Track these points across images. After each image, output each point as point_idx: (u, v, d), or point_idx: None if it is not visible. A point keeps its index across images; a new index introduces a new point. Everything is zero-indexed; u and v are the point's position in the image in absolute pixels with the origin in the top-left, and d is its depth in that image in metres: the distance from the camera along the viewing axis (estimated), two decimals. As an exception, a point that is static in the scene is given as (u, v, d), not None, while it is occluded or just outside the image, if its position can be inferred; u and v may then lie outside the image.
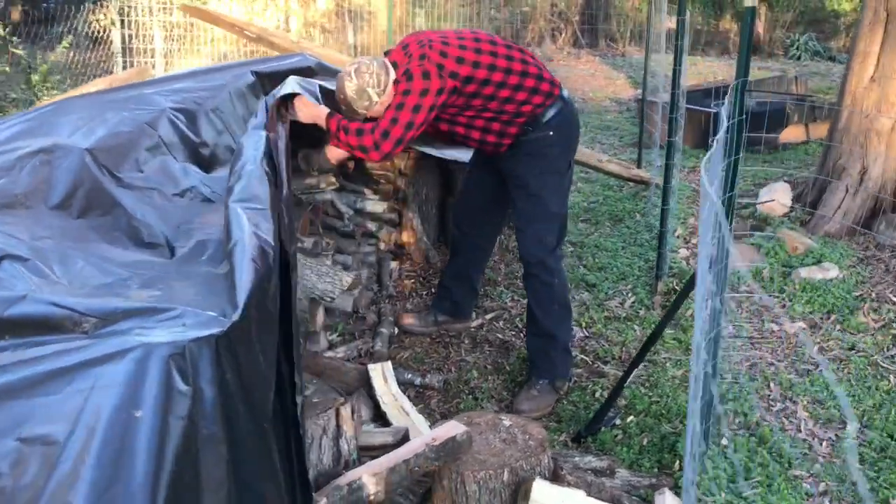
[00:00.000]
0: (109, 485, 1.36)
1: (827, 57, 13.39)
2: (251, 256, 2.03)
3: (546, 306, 3.36)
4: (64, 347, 1.66)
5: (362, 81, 2.95)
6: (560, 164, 3.31)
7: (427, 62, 2.95)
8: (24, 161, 2.62)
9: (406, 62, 3.01)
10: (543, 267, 3.33)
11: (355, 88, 2.96)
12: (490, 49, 3.07)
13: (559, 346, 3.41)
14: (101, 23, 8.27)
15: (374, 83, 2.97)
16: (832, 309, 4.04)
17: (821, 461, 2.96)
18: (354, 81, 2.96)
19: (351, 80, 2.97)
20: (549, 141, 3.20)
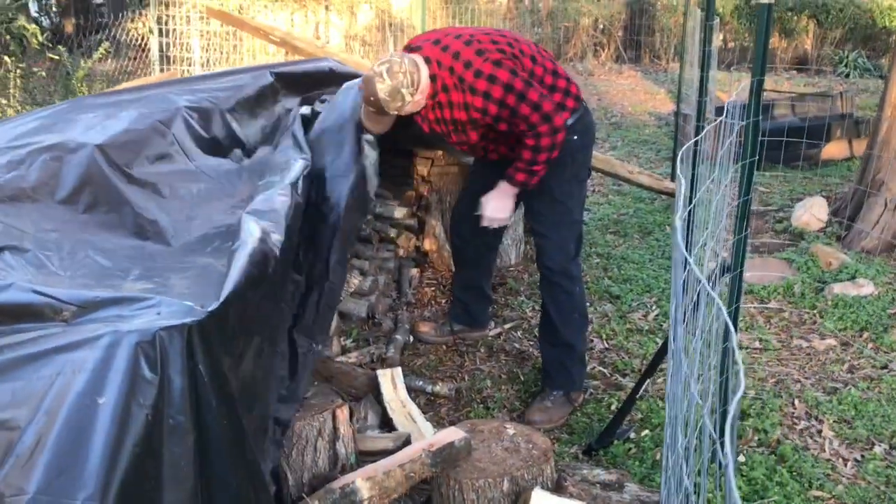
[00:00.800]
0: (63, 470, 1.33)
1: (878, 75, 13.06)
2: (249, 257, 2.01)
3: (567, 315, 3.27)
4: (40, 335, 1.65)
5: (396, 82, 2.82)
6: (582, 171, 3.25)
7: (489, 54, 2.86)
8: (35, 156, 2.63)
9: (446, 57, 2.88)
10: (566, 275, 3.25)
11: (389, 90, 2.83)
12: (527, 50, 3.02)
13: (576, 357, 3.32)
14: (139, 31, 8.43)
15: (408, 83, 2.84)
16: (865, 326, 3.88)
17: (844, 482, 2.82)
18: (388, 82, 2.82)
19: (383, 80, 2.82)
20: (574, 147, 3.12)
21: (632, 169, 5.62)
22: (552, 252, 3.23)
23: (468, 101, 2.90)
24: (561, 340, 3.28)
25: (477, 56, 2.86)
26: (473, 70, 2.84)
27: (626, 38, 14.94)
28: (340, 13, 11.30)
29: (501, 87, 2.83)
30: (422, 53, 2.93)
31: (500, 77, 2.83)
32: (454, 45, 2.91)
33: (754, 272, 4.46)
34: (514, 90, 2.83)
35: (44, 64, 7.25)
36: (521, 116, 2.85)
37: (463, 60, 2.87)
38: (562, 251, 3.23)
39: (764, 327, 3.97)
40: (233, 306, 1.80)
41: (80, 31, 9.82)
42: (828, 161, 6.95)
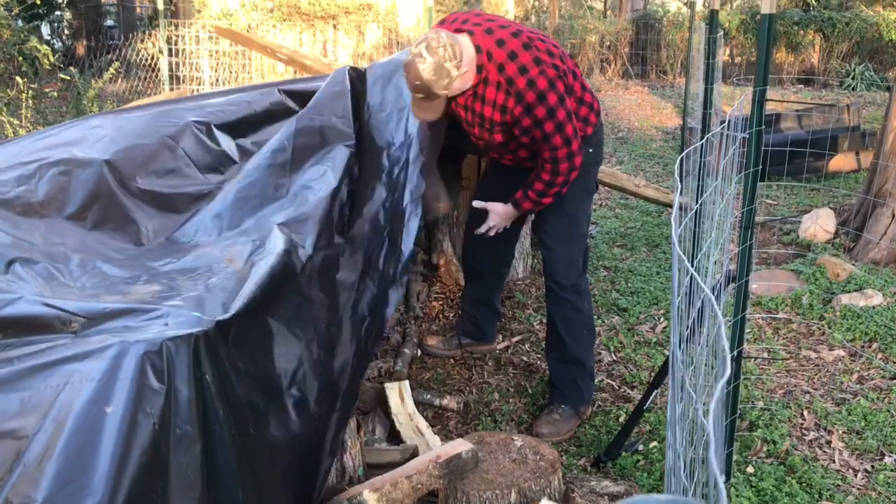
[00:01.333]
0: (71, 479, 1.34)
1: (885, 87, 13.05)
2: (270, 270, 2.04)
3: (576, 332, 3.25)
4: (49, 346, 1.66)
5: (438, 58, 2.62)
6: (592, 185, 3.26)
7: (546, 67, 2.75)
8: (44, 171, 2.66)
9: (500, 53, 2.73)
10: (575, 291, 3.21)
11: (433, 67, 2.62)
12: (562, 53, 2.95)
13: (586, 373, 3.31)
14: (149, 51, 8.52)
15: (451, 55, 2.64)
16: (874, 337, 3.86)
17: (854, 493, 2.80)
18: (429, 59, 2.62)
19: (424, 59, 2.62)
20: (588, 160, 3.10)
21: (638, 182, 5.62)
22: (561, 267, 3.20)
23: (508, 106, 2.80)
24: (570, 357, 3.26)
25: (534, 65, 2.73)
26: (527, 79, 2.72)
27: (633, 53, 15.01)
28: (348, 32, 11.39)
29: (546, 110, 2.75)
30: (473, 40, 2.76)
31: (549, 100, 2.74)
32: (510, 42, 2.76)
33: (762, 283, 4.45)
34: (556, 118, 2.76)
35: (55, 85, 7.35)
36: (550, 145, 2.81)
37: (518, 64, 2.73)
38: (570, 265, 3.20)
39: (772, 338, 3.97)
40: (246, 318, 1.82)
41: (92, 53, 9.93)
42: (835, 173, 6.95)
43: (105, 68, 7.57)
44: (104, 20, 16.49)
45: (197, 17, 9.86)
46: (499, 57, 2.75)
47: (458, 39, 2.70)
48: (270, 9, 10.36)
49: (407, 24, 12.04)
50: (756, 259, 4.92)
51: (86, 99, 6.70)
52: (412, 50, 2.69)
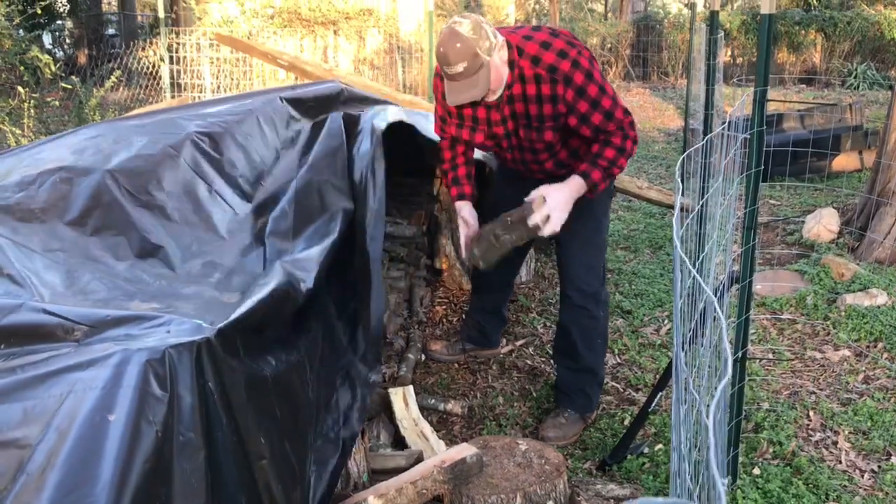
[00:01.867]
0: (74, 487, 1.34)
1: (887, 86, 13.04)
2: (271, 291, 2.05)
3: (591, 341, 3.20)
4: (52, 355, 1.66)
5: (474, 18, 2.56)
6: (613, 188, 3.24)
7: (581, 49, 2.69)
8: (45, 177, 2.66)
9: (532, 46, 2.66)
10: (595, 300, 3.15)
11: (471, 25, 2.52)
12: None
13: (596, 382, 3.29)
14: (150, 59, 8.54)
15: (486, 21, 2.59)
16: (879, 336, 3.85)
17: (861, 493, 2.79)
18: (466, 21, 2.54)
19: (461, 22, 2.53)
20: None
21: (641, 184, 5.63)
22: (583, 273, 3.11)
23: (558, 94, 2.67)
24: (583, 366, 3.23)
25: (571, 48, 2.66)
26: (570, 60, 2.63)
27: (634, 55, 15.01)
28: (349, 38, 11.40)
29: (597, 87, 2.66)
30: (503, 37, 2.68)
31: (596, 77, 2.66)
32: (537, 35, 2.71)
33: (766, 284, 4.44)
34: (607, 92, 2.68)
35: (57, 94, 7.36)
36: (615, 119, 2.70)
37: (555, 51, 2.65)
38: (591, 271, 3.13)
39: (777, 339, 3.95)
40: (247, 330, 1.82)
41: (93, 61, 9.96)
42: (839, 173, 6.94)
43: (107, 77, 7.59)
44: (105, 29, 16.55)
45: (198, 24, 9.89)
46: (531, 50, 2.67)
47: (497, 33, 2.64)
48: (271, 15, 10.38)
49: (408, 28, 12.06)
50: (760, 259, 4.91)
51: (87, 108, 6.72)
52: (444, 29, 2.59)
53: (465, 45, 2.51)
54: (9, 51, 6.63)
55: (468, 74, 2.56)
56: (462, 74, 2.55)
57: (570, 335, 3.20)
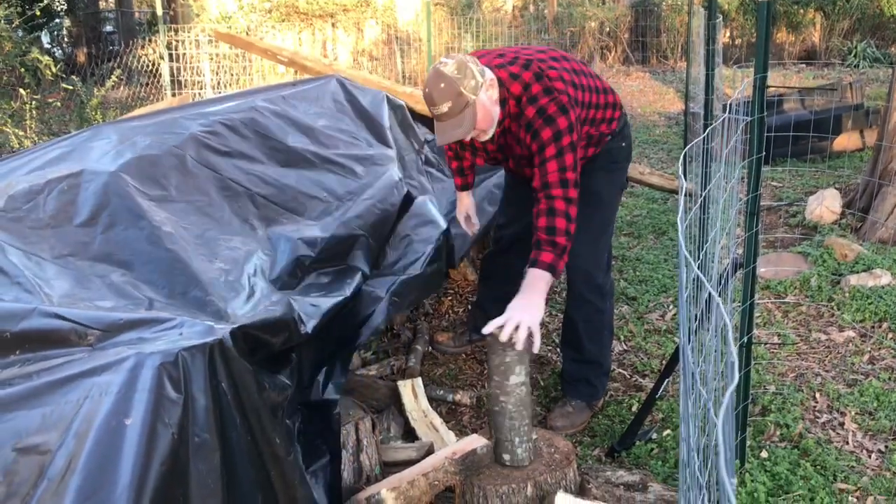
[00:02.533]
0: (94, 491, 1.36)
1: (887, 63, 12.99)
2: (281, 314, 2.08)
3: (596, 333, 3.23)
4: (66, 360, 1.69)
5: (459, 59, 2.60)
6: (624, 180, 3.25)
7: (557, 94, 2.69)
8: (53, 185, 2.68)
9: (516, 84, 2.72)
10: (599, 291, 3.17)
11: (455, 65, 2.57)
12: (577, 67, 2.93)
13: (602, 373, 3.31)
14: (149, 57, 8.54)
15: (472, 60, 2.62)
16: (884, 317, 3.87)
17: (869, 473, 2.81)
18: (451, 61, 2.59)
19: (446, 63, 2.59)
20: (622, 154, 3.12)
21: (643, 170, 5.63)
22: (588, 266, 3.11)
23: (521, 137, 2.77)
24: (588, 358, 3.25)
25: (545, 94, 2.70)
26: (537, 107, 2.69)
27: (633, 39, 14.97)
28: (347, 30, 11.39)
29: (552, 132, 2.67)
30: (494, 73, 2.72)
31: (559, 123, 2.66)
32: (524, 74, 2.75)
33: (769, 267, 4.46)
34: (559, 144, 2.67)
35: (58, 94, 7.37)
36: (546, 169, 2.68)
37: (529, 94, 2.71)
38: (597, 265, 3.15)
39: (782, 322, 3.97)
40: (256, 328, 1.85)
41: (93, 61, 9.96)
42: (840, 153, 6.93)
43: (107, 76, 7.60)
44: (103, 26, 16.52)
45: (196, 21, 9.89)
46: (515, 90, 2.73)
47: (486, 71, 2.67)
48: (268, 10, 10.38)
49: (405, 19, 12.04)
50: (763, 243, 4.92)
51: (89, 107, 6.73)
52: (430, 70, 2.66)
53: (448, 85, 2.55)
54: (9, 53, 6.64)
55: (453, 114, 2.59)
56: (447, 115, 2.59)
57: (576, 328, 3.23)
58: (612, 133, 3.05)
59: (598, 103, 2.96)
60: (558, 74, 2.77)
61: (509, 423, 2.46)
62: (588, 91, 2.90)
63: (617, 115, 3.06)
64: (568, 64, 2.91)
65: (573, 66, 2.92)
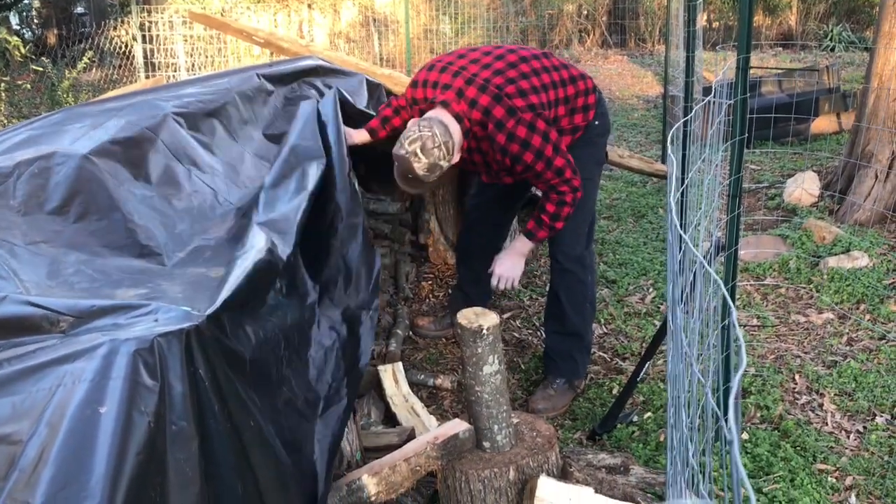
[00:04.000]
0: (68, 482, 1.32)
1: (863, 47, 13.06)
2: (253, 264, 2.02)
3: (578, 305, 3.26)
4: (38, 347, 1.64)
5: (432, 158, 2.73)
6: (602, 155, 3.28)
7: (521, 113, 2.79)
8: (22, 167, 2.61)
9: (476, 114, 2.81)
10: (581, 263, 3.22)
11: (426, 166, 2.74)
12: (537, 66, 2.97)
13: (584, 347, 3.32)
14: (122, 39, 8.39)
15: (444, 154, 2.75)
16: (862, 298, 3.89)
17: (848, 454, 2.83)
18: (424, 160, 2.73)
19: (419, 160, 2.72)
20: (597, 130, 3.15)
21: (622, 153, 5.62)
22: (567, 238, 3.18)
23: (497, 158, 2.89)
24: (570, 330, 3.27)
25: (509, 116, 2.79)
26: (506, 133, 2.79)
27: (611, 22, 14.95)
28: (323, 11, 11.26)
29: (533, 154, 2.82)
30: (451, 110, 2.82)
31: (533, 143, 2.80)
32: (482, 100, 2.81)
33: (749, 250, 4.47)
34: (543, 158, 2.83)
35: (28, 76, 7.23)
36: (544, 179, 2.88)
37: (494, 120, 2.80)
38: (578, 238, 3.20)
39: (761, 304, 3.99)
40: (233, 310, 1.80)
41: (63, 42, 9.77)
42: (817, 136, 6.97)
43: (78, 58, 7.45)
44: (74, 7, 16.22)
45: (169, 1, 9.72)
46: (476, 117, 2.82)
47: (451, 133, 2.77)
48: (244, -10, 10.22)
49: (383, 1, 11.92)
50: (742, 225, 4.93)
51: (60, 90, 6.60)
52: (406, 146, 2.74)
53: (415, 177, 2.78)
54: (-24, 34, 6.50)
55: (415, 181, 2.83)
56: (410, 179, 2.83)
57: (559, 299, 3.26)
58: (588, 123, 3.09)
59: (566, 96, 3.00)
60: (516, 89, 2.84)
61: (487, 412, 2.44)
62: (552, 88, 2.95)
63: (592, 100, 3.08)
64: (527, 66, 2.94)
65: (533, 66, 2.95)
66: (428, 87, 2.93)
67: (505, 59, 2.93)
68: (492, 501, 2.39)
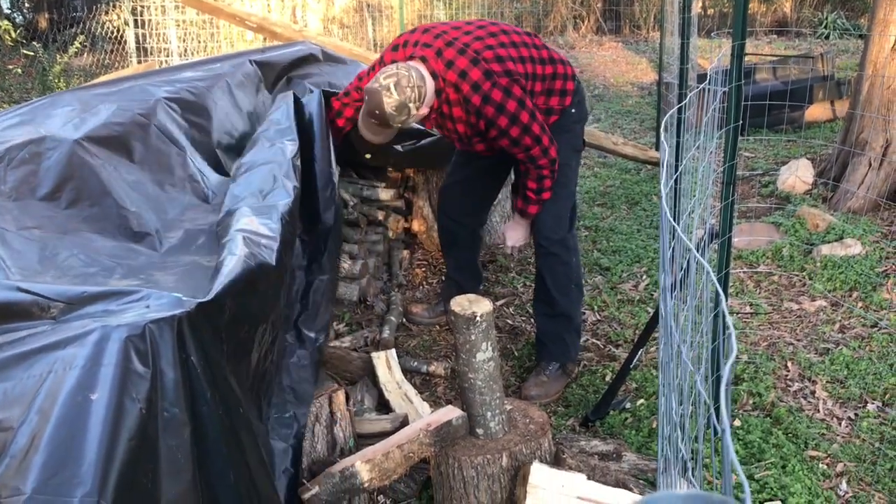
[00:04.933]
0: (59, 468, 1.32)
1: (857, 35, 13.04)
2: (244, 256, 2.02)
3: (564, 287, 3.28)
4: (29, 333, 1.63)
5: (403, 97, 2.74)
6: (579, 142, 3.29)
7: (497, 77, 2.81)
8: (13, 153, 2.59)
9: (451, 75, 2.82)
10: (563, 246, 3.25)
11: (396, 104, 2.75)
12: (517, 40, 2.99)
13: (573, 329, 3.34)
14: (114, 23, 8.32)
15: (416, 97, 2.77)
16: (854, 286, 3.90)
17: (839, 441, 2.84)
18: (395, 97, 2.73)
19: (391, 95, 2.73)
20: (573, 118, 3.17)
21: (616, 140, 5.61)
22: (549, 222, 3.21)
23: (472, 122, 2.91)
24: (558, 312, 3.29)
25: (485, 79, 2.81)
26: (482, 94, 2.81)
27: (606, 8, 14.87)
28: (317, -4, 11.19)
29: (507, 118, 2.84)
30: (428, 66, 2.84)
31: (508, 108, 2.83)
32: (458, 61, 2.83)
33: (742, 237, 4.47)
34: (519, 123, 2.86)
35: (19, 61, 7.17)
36: (522, 146, 2.91)
37: (470, 82, 2.82)
38: (559, 221, 3.22)
39: (754, 292, 3.99)
40: (225, 300, 1.80)
41: (55, 26, 9.69)
42: (811, 123, 6.96)
43: (70, 42, 7.39)
44: (66, -9, 16.07)
45: (161, -15, 9.65)
46: (451, 78, 2.85)
47: (425, 80, 2.81)
48: (236, -25, 10.14)
49: (377, -14, 11.84)
50: (735, 213, 4.93)
51: (51, 74, 6.55)
52: (381, 80, 2.76)
53: (382, 113, 2.77)
54: (-34, 18, 6.44)
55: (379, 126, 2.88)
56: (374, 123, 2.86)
57: (544, 282, 3.28)
58: (564, 108, 3.11)
59: (544, 74, 3.03)
60: (494, 55, 2.87)
61: (480, 399, 2.44)
62: (531, 63, 2.98)
63: (570, 86, 3.12)
64: (507, 38, 2.98)
65: (513, 40, 2.99)
66: (408, 46, 2.95)
67: (486, 30, 2.98)
68: (485, 488, 2.39)
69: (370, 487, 2.30)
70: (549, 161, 2.95)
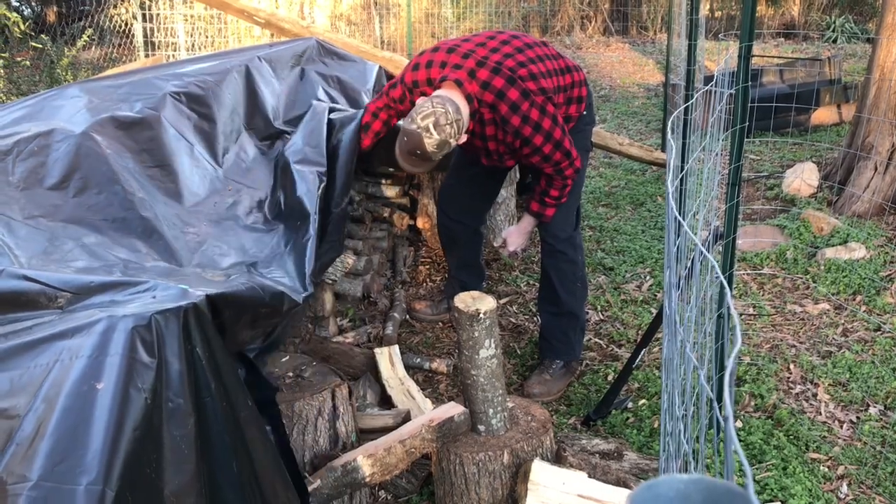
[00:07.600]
0: (64, 457, 1.33)
1: (865, 39, 13.02)
2: None
3: (570, 285, 3.29)
4: (35, 323, 1.64)
5: (444, 135, 2.69)
6: (588, 143, 3.32)
7: (534, 96, 2.81)
8: (22, 145, 2.60)
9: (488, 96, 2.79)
10: (571, 244, 3.26)
11: (437, 143, 2.71)
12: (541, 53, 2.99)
13: (578, 326, 3.35)
14: (122, 17, 8.34)
15: (455, 132, 2.72)
16: (858, 289, 3.90)
17: (841, 444, 2.85)
18: (435, 136, 2.69)
19: (431, 135, 2.68)
20: (584, 121, 3.19)
21: (622, 141, 5.61)
22: (558, 221, 3.21)
23: (507, 141, 2.91)
24: (564, 309, 3.29)
25: (524, 99, 2.80)
26: (521, 115, 2.80)
27: (613, 9, 14.87)
28: (325, -7, 11.21)
29: (543, 136, 2.84)
30: (463, 90, 2.79)
31: (544, 126, 2.83)
32: (496, 81, 2.79)
33: (747, 239, 4.47)
34: (552, 140, 2.86)
35: (27, 54, 7.19)
36: (553, 162, 2.91)
37: (508, 102, 2.80)
38: (565, 220, 3.23)
39: (757, 294, 3.99)
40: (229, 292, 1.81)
41: (63, 19, 9.71)
42: (817, 127, 6.96)
43: (78, 35, 7.40)
44: (74, -15, 16.10)
45: (170, -20, 9.66)
46: (488, 99, 2.82)
47: (462, 112, 2.75)
48: (245, -30, 10.14)
49: (385, -17, 11.84)
50: (740, 215, 4.94)
51: (59, 68, 6.56)
52: (419, 121, 2.70)
53: (424, 153, 2.74)
54: (-25, 10, 6.46)
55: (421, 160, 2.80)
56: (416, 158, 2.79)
57: (550, 280, 3.29)
58: (580, 115, 3.14)
59: (564, 85, 3.04)
60: (528, 72, 2.87)
61: (482, 396, 2.45)
62: (554, 76, 2.99)
63: (584, 92, 3.15)
64: (532, 52, 2.97)
65: (538, 53, 2.99)
66: (433, 67, 2.89)
67: (511, 45, 2.94)
68: (486, 484, 2.40)
69: (372, 482, 2.31)
70: (574, 171, 2.97)
